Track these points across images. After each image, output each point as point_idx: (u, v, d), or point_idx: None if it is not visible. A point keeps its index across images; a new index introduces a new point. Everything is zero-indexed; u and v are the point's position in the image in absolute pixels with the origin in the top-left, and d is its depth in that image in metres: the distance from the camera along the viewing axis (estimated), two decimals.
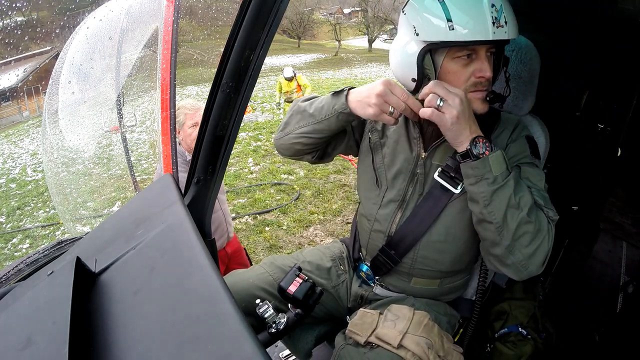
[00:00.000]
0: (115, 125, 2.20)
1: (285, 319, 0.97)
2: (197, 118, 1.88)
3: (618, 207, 1.76)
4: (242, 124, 0.94)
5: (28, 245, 4.60)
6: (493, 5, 0.81)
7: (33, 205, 5.87)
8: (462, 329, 1.17)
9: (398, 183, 1.05)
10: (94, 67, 2.04)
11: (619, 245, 1.75)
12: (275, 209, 4.49)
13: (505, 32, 0.83)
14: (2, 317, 0.68)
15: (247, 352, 0.48)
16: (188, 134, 1.88)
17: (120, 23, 1.79)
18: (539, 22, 1.52)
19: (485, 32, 0.81)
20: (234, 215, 4.31)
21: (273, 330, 0.95)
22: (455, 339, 1.13)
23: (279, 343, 1.22)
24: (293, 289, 0.97)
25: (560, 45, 1.52)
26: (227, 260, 2.07)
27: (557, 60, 1.38)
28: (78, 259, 0.70)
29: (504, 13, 0.82)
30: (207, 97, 0.83)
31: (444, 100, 0.84)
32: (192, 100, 2.01)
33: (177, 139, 1.46)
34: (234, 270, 1.24)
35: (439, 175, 0.97)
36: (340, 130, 1.05)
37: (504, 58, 0.96)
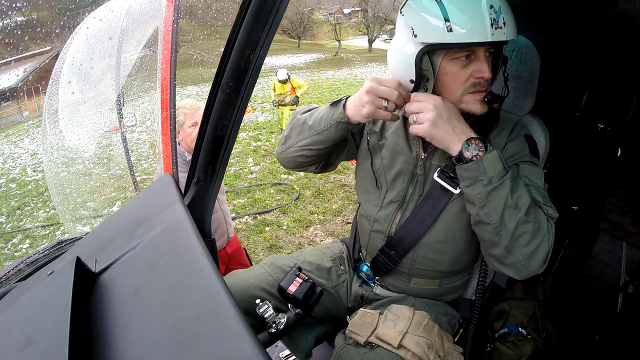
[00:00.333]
0: (115, 125, 2.20)
1: (285, 319, 0.97)
2: (196, 118, 1.88)
3: (618, 207, 1.76)
4: (242, 124, 0.94)
5: (28, 245, 4.60)
6: (492, 7, 0.80)
7: (33, 205, 5.88)
8: (462, 329, 1.17)
9: (398, 184, 1.05)
10: (94, 67, 2.04)
11: (619, 245, 1.75)
12: (275, 209, 4.49)
13: (504, 33, 0.82)
14: (2, 317, 0.68)
15: (247, 352, 0.48)
16: (188, 134, 1.88)
17: (120, 23, 1.80)
18: (539, 22, 1.52)
19: (484, 33, 0.80)
20: (234, 215, 4.31)
21: (273, 330, 0.95)
22: (455, 339, 1.13)
23: (279, 343, 1.22)
24: (293, 289, 0.97)
25: (560, 45, 1.52)
26: (227, 260, 2.07)
27: (557, 60, 1.38)
28: (78, 259, 0.70)
29: (503, 14, 0.82)
30: (207, 97, 0.83)
31: (418, 114, 0.87)
32: (191, 100, 2.01)
33: (176, 139, 1.45)
34: (234, 270, 1.24)
35: (439, 176, 0.97)
36: (341, 140, 1.06)
37: (503, 58, 0.96)
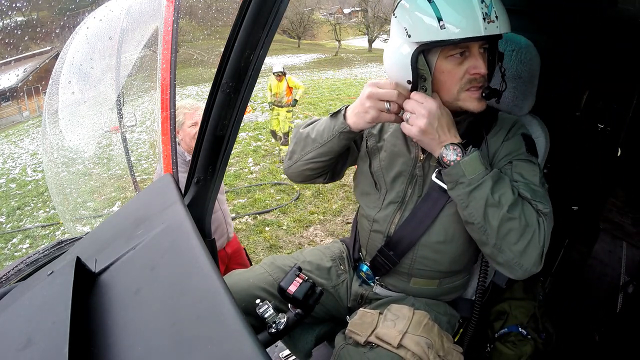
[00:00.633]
0: (115, 125, 2.20)
1: (285, 319, 0.97)
2: (196, 117, 1.89)
3: (618, 207, 1.76)
4: (242, 124, 0.94)
5: (28, 245, 4.60)
6: (482, 1, 0.80)
7: (33, 205, 5.88)
8: (462, 329, 1.17)
9: (397, 185, 1.05)
10: (94, 67, 2.04)
11: (619, 245, 1.75)
12: (275, 209, 4.49)
13: (497, 27, 0.82)
14: (2, 317, 0.68)
15: (247, 352, 0.48)
16: (187, 133, 1.88)
17: (120, 23, 1.80)
18: (539, 22, 1.52)
19: (477, 28, 0.80)
20: (234, 215, 4.31)
21: (273, 330, 0.95)
22: (455, 339, 1.13)
23: (279, 343, 1.22)
24: (293, 289, 0.97)
25: (560, 45, 1.52)
26: (227, 260, 2.07)
27: (557, 60, 1.38)
28: (78, 259, 0.70)
29: (494, 8, 0.81)
30: (207, 97, 0.83)
31: (412, 113, 0.88)
32: (191, 100, 2.01)
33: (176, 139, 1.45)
34: (234, 270, 1.24)
35: (437, 176, 0.97)
36: (345, 149, 1.07)
37: (499, 54, 0.95)
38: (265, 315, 0.96)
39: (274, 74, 6.13)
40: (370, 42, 34.73)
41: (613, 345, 1.59)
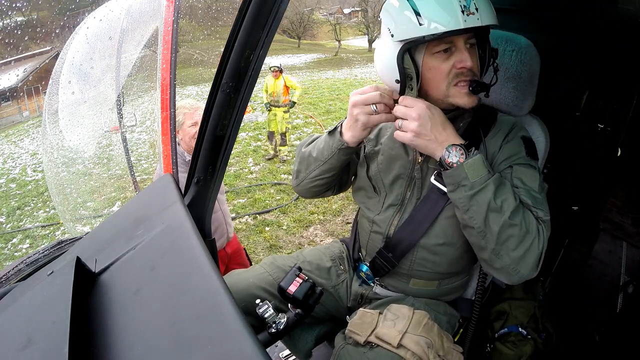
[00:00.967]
0: (115, 125, 2.20)
1: (285, 319, 0.97)
2: (196, 117, 1.89)
3: (618, 207, 1.76)
4: (242, 124, 0.94)
5: (28, 245, 4.60)
6: None
7: (33, 205, 5.88)
8: (462, 329, 1.17)
9: (396, 188, 1.05)
10: (94, 67, 2.04)
11: (619, 245, 1.75)
12: (275, 209, 4.49)
13: (478, 18, 0.80)
14: (2, 317, 0.68)
15: (247, 352, 0.48)
16: (187, 133, 1.88)
17: (120, 23, 1.80)
18: (539, 22, 1.52)
19: (456, 21, 0.79)
20: (234, 215, 4.31)
21: (273, 330, 0.95)
22: (455, 339, 1.13)
23: (279, 343, 1.22)
24: (293, 289, 0.97)
25: (560, 45, 1.51)
26: (227, 260, 2.07)
27: (557, 60, 1.38)
28: (78, 259, 0.70)
29: (474, 0, 0.80)
30: (207, 97, 0.83)
31: (403, 120, 0.88)
32: (191, 100, 2.02)
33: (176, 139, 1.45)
34: (234, 270, 1.24)
35: (435, 179, 0.96)
36: (347, 162, 1.09)
37: (493, 50, 0.94)
38: (265, 315, 0.96)
39: (270, 69, 5.99)
40: (370, 42, 34.71)
41: (613, 345, 1.59)
